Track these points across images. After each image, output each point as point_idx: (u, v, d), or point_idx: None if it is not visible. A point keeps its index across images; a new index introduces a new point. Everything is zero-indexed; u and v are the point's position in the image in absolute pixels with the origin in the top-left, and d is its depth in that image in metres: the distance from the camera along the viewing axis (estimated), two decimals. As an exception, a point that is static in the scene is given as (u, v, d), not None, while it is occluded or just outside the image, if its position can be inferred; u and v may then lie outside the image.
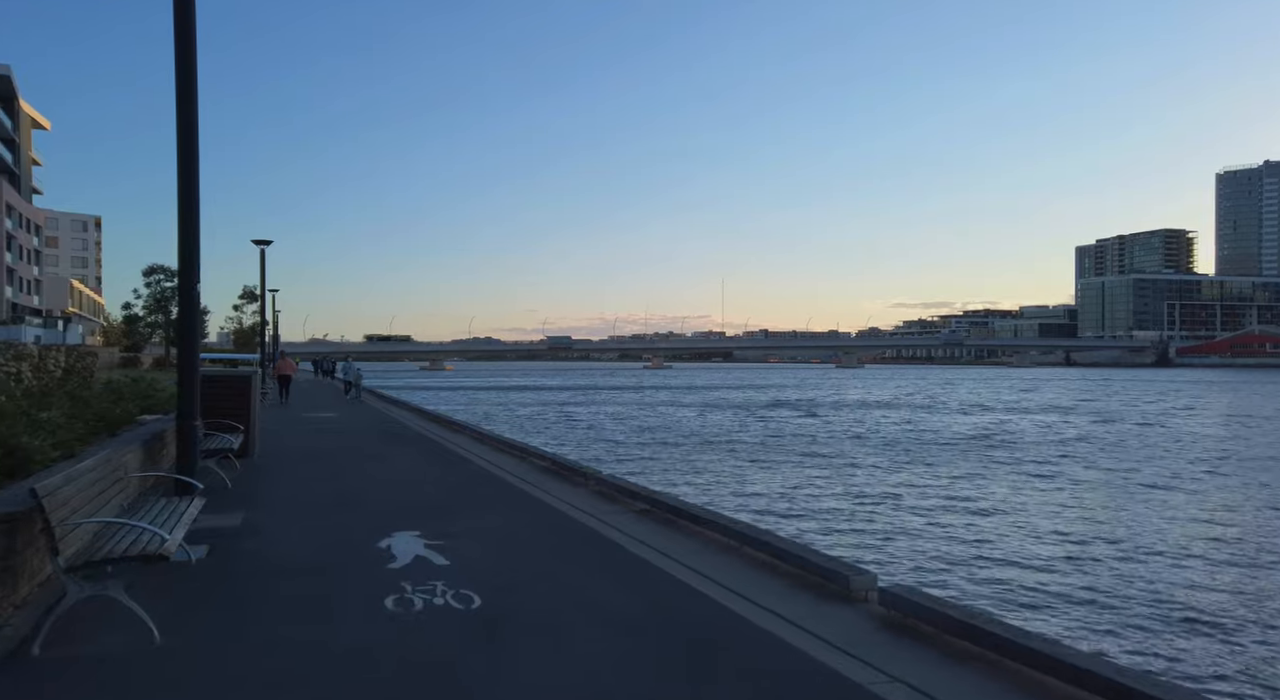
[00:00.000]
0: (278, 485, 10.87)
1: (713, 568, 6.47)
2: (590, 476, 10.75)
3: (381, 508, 9.16)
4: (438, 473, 12.14)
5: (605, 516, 8.66)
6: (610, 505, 9.35)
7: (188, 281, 8.01)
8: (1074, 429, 38.27)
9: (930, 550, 14.27)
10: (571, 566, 6.52)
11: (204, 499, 6.80)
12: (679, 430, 36.63)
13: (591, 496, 9.96)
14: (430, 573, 6.30)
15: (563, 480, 11.29)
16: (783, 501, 18.92)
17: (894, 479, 22.75)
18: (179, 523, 5.58)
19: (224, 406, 13.07)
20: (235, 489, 10.32)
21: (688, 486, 20.73)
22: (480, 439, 16.84)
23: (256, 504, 9.39)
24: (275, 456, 13.84)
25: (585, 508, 9.20)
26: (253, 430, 13.41)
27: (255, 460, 13.21)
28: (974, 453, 28.91)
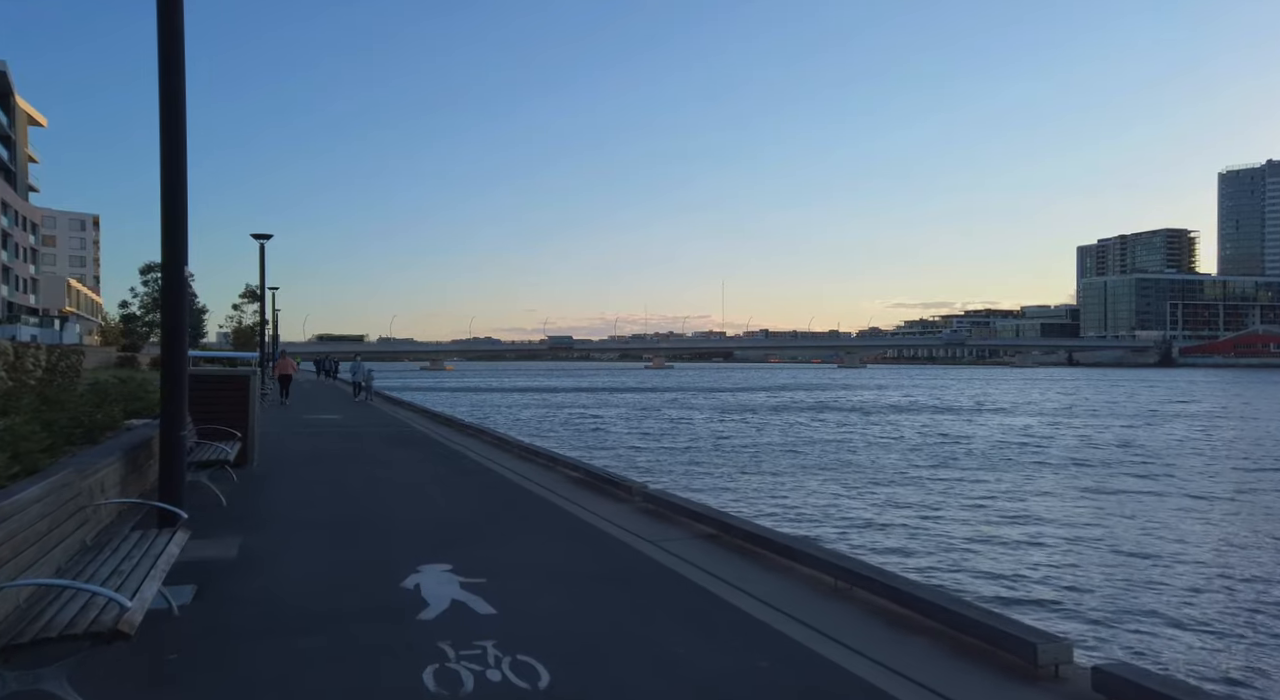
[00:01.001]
0: (280, 501, 9.55)
1: (829, 621, 5.15)
2: (635, 490, 9.44)
3: (400, 529, 7.84)
4: (458, 484, 10.83)
5: (666, 543, 7.34)
6: (666, 527, 8.03)
7: (173, 263, 6.69)
8: (1137, 434, 35.94)
9: (1087, 599, 11.27)
10: (651, 619, 5.19)
11: (189, 531, 5.48)
12: (696, 434, 34.82)
13: (639, 515, 8.65)
14: (474, 627, 4.98)
15: (600, 494, 9.98)
16: (851, 524, 16.17)
17: (976, 493, 19.89)
18: (152, 570, 4.26)
19: (219, 410, 11.75)
20: (231, 507, 9.01)
21: (728, 498, 18.65)
22: (498, 444, 15.53)
23: (255, 526, 8.07)
24: (276, 465, 12.52)
25: (638, 530, 7.89)
26: (251, 437, 12.10)
27: (254, 470, 11.89)
28: (1051, 463, 25.81)
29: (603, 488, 10.29)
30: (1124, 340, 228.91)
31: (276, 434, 17.38)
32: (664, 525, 8.13)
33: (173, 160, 6.63)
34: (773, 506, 18.02)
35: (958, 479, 22.50)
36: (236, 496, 9.63)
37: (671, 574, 6.31)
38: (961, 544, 14.57)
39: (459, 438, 17.13)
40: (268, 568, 6.46)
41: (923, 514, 17.36)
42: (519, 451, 14.14)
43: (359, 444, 15.88)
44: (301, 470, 12.14)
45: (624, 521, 8.34)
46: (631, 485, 9.57)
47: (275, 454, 13.79)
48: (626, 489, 9.60)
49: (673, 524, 8.17)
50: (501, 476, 11.60)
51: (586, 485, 10.70)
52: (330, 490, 10.31)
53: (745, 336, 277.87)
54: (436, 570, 6.31)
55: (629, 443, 31.17)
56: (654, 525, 8.14)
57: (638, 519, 8.48)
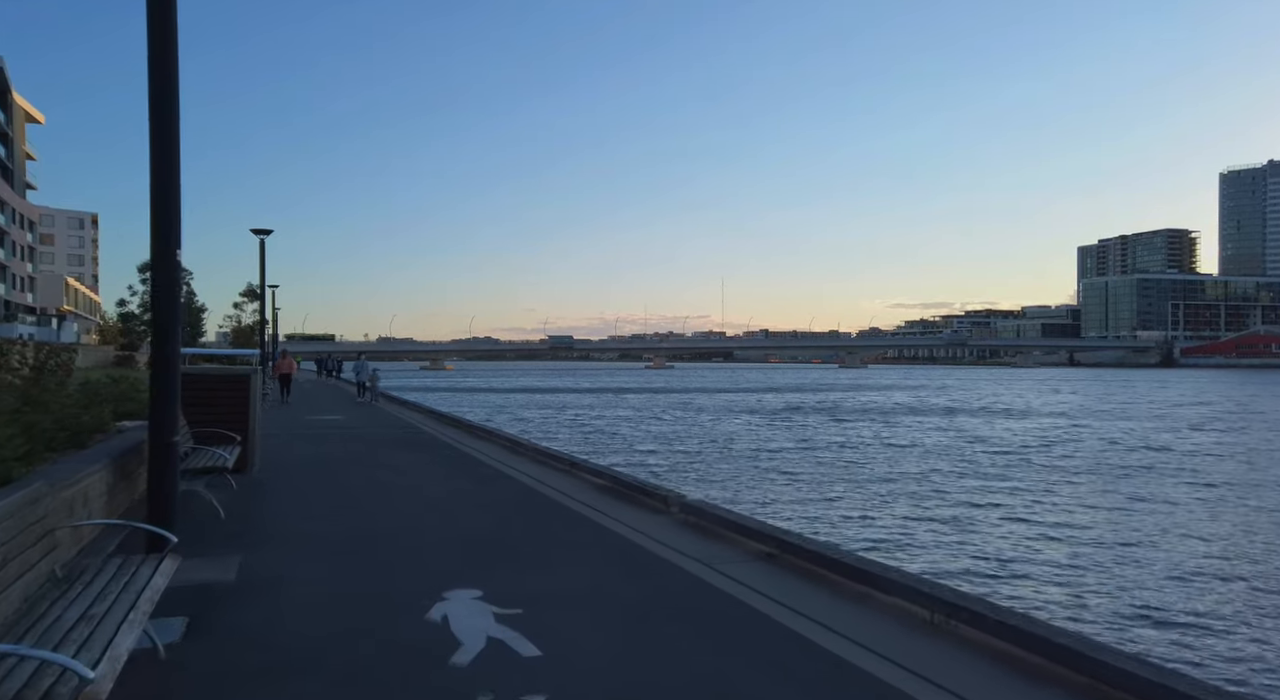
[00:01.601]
0: (284, 513, 8.73)
1: (937, 666, 4.34)
2: (671, 501, 8.62)
3: (419, 546, 7.03)
4: (475, 493, 10.02)
5: (718, 564, 6.53)
6: (713, 544, 7.22)
7: (164, 247, 5.88)
8: (1204, 437, 34.57)
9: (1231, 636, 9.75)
10: (727, 666, 4.38)
11: (179, 556, 4.66)
12: (709, 437, 33.58)
13: (680, 530, 7.84)
14: (519, 675, 4.17)
15: (631, 504, 9.17)
16: (914, 542, 14.47)
17: (1054, 509, 17.87)
18: (131, 613, 3.45)
19: (217, 412, 10.94)
20: (230, 519, 8.19)
21: (765, 508, 17.11)
22: (512, 448, 14.71)
23: (257, 542, 7.26)
24: (279, 471, 11.70)
25: (682, 547, 7.08)
26: (252, 440, 11.29)
27: (255, 476, 11.07)
28: (1108, 470, 24.04)
29: (634, 497, 9.48)
30: (1125, 340, 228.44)
31: (278, 436, 16.58)
32: (710, 542, 7.32)
33: (163, 128, 5.82)
34: (817, 519, 16.51)
35: (1015, 488, 20.68)
36: (236, 507, 8.81)
37: (736, 604, 5.49)
38: (1058, 567, 12.80)
39: (470, 441, 16.31)
40: (271, 593, 5.65)
41: (997, 530, 15.59)
42: (535, 456, 13.33)
43: (366, 448, 15.07)
44: (306, 477, 11.33)
45: (665, 536, 7.53)
46: (668, 495, 8.75)
47: (278, 459, 12.98)
48: (662, 499, 8.79)
49: (720, 540, 7.37)
50: (521, 484, 10.79)
51: (614, 494, 9.89)
52: (339, 500, 9.50)
53: (745, 336, 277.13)
54: (466, 597, 5.50)
55: (641, 446, 30.09)
56: (699, 542, 7.33)
57: (679, 534, 7.67)
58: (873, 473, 23.37)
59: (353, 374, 32.65)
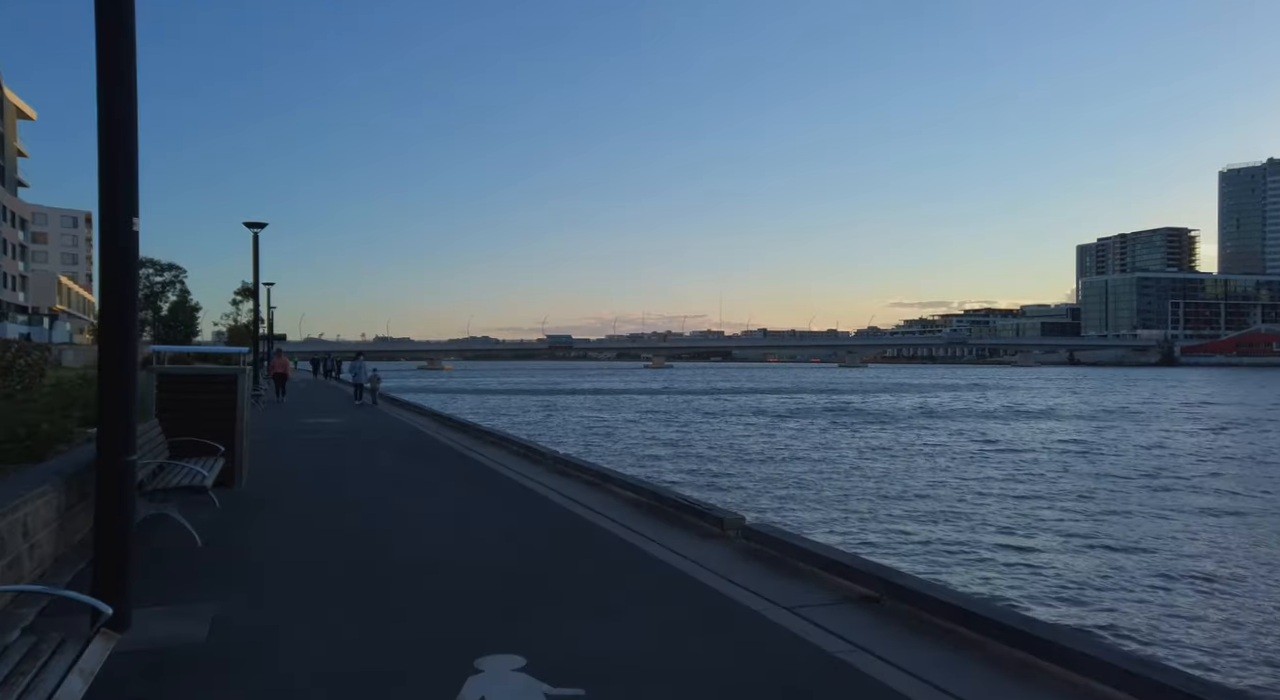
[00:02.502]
0: (274, 538, 7.43)
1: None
2: (728, 524, 7.33)
3: (439, 587, 5.74)
4: (497, 512, 8.73)
5: (812, 612, 5.24)
6: (791, 583, 5.93)
7: (116, 210, 4.59)
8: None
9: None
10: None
11: (113, 638, 3.35)
12: (724, 443, 31.33)
13: (746, 561, 6.56)
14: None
15: (677, 525, 7.88)
16: (1035, 579, 12.08)
17: (1154, 531, 15.62)
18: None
19: (198, 419, 9.62)
20: (209, 548, 6.88)
21: (824, 532, 14.66)
22: (527, 455, 13.40)
23: (239, 581, 5.96)
24: (271, 484, 10.39)
25: (758, 587, 5.79)
26: (239, 451, 9.96)
27: (243, 492, 9.75)
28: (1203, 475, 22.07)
29: (680, 518, 8.18)
30: (1125, 339, 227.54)
31: (272, 441, 15.27)
32: (787, 579, 6.03)
33: (113, 59, 4.52)
34: (879, 544, 14.12)
35: (1161, 511, 17.64)
36: (218, 531, 7.50)
37: (858, 677, 4.19)
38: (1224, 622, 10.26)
39: (479, 447, 15.00)
40: (252, 662, 4.35)
41: (1171, 567, 12.77)
42: (557, 466, 12.02)
43: (367, 456, 13.77)
44: (302, 492, 10.02)
45: (730, 570, 6.25)
46: (724, 517, 7.45)
47: (270, 469, 11.66)
48: (716, 521, 7.49)
49: (798, 577, 6.08)
50: (545, 499, 9.50)
51: (655, 512, 8.60)
52: (339, 520, 8.20)
53: (744, 336, 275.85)
54: (505, 669, 4.21)
55: (652, 451, 28.48)
56: (774, 579, 6.04)
57: (746, 567, 6.38)
58: (935, 486, 20.57)
59: (350, 375, 30.44)
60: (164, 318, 72.91)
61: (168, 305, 72.47)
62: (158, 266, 70.66)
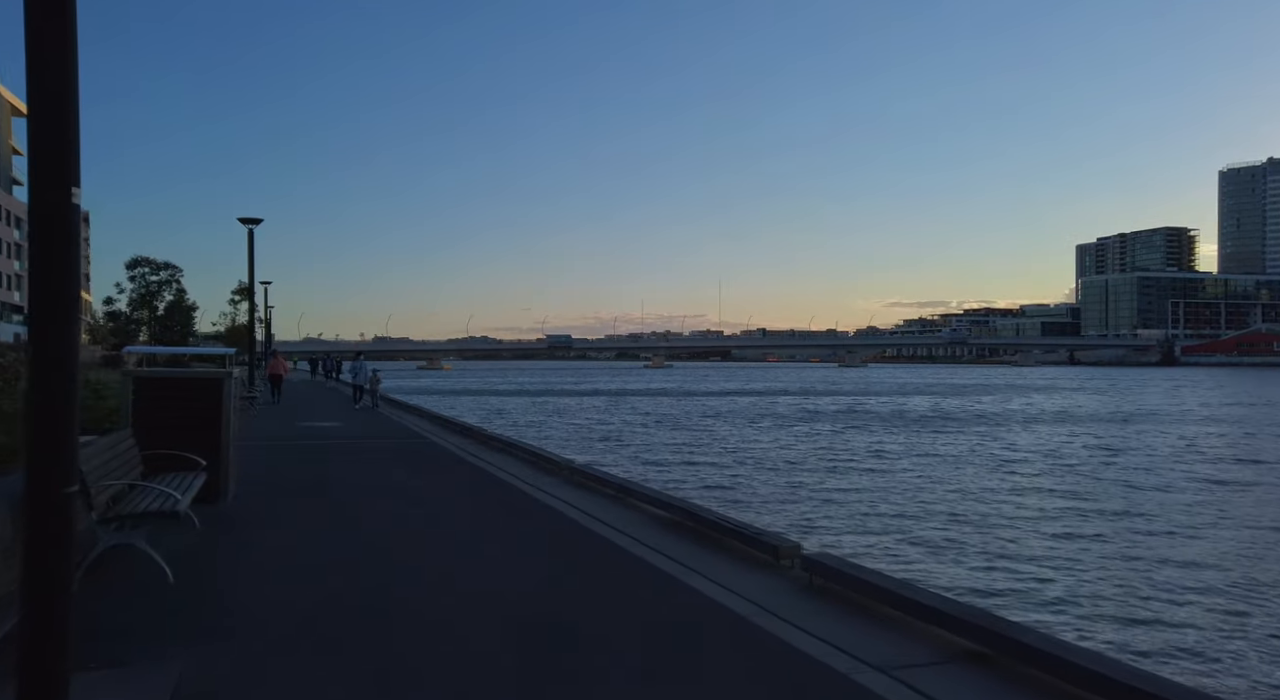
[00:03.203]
0: (259, 569, 6.45)
1: None
2: (784, 552, 6.37)
3: (453, 646, 4.76)
4: (512, 531, 7.77)
5: (911, 675, 4.27)
6: (874, 631, 4.97)
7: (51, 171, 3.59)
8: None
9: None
10: None
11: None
12: (741, 450, 28.63)
13: (809, 600, 5.60)
14: None
15: (718, 551, 6.94)
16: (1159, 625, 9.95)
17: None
18: None
19: (179, 428, 8.66)
20: (181, 584, 5.89)
21: (884, 561, 12.56)
22: (538, 464, 12.43)
23: (214, 628, 4.98)
24: (260, 499, 9.42)
25: (836, 637, 4.82)
26: (225, 463, 9.00)
27: (228, 509, 8.79)
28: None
29: (721, 541, 7.21)
30: (1126, 339, 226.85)
31: (264, 448, 14.31)
32: (868, 627, 5.06)
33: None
34: (957, 578, 11.91)
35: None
36: (194, 561, 6.53)
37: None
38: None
39: (487, 455, 14.02)
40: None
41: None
42: (571, 476, 11.05)
43: (368, 463, 12.80)
44: (295, 508, 9.05)
45: (798, 615, 5.27)
46: (777, 544, 6.47)
47: (260, 481, 10.69)
48: (768, 549, 6.51)
49: (880, 623, 5.11)
50: (565, 517, 8.54)
51: (689, 533, 7.64)
52: (336, 544, 7.24)
53: (743, 335, 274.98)
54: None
55: (666, 458, 26.62)
56: (852, 627, 5.07)
57: (815, 610, 5.41)
58: (1009, 507, 17.84)
59: (349, 376, 29.03)
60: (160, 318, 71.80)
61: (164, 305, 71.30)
62: (154, 265, 69.49)
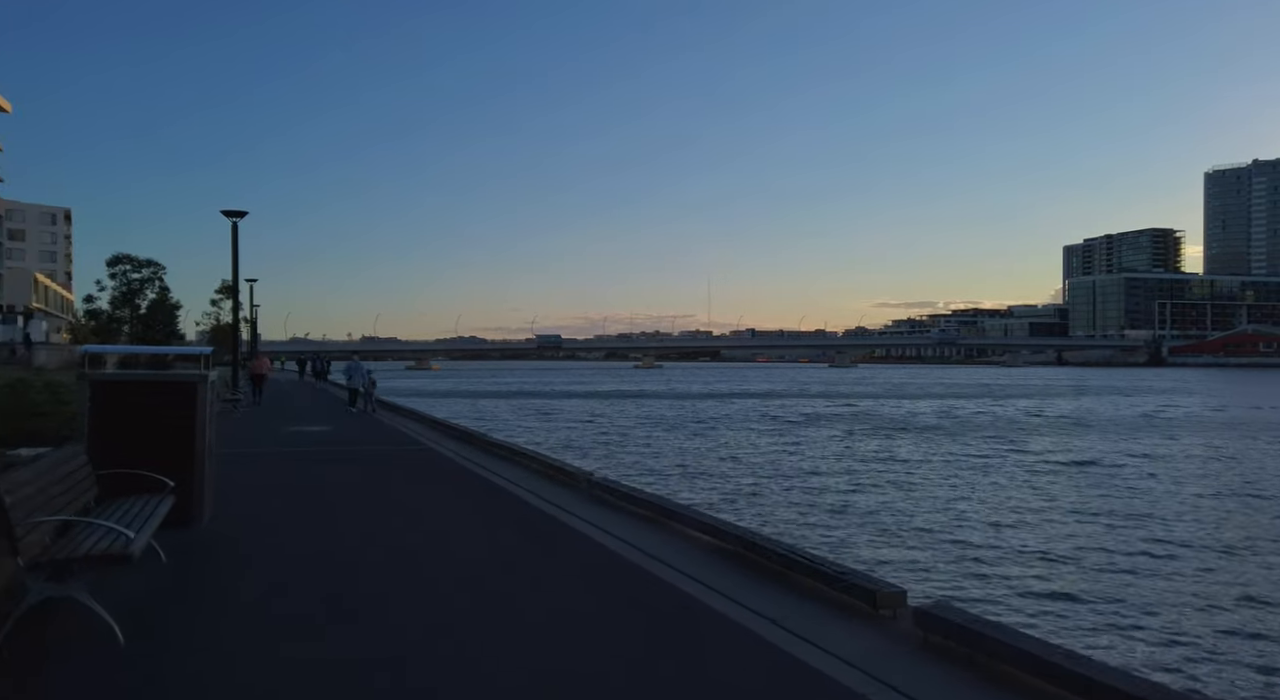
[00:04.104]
0: (237, 620, 5.20)
1: None
2: (882, 597, 5.18)
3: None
4: (536, 564, 6.55)
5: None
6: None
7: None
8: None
9: None
10: None
11: None
12: (763, 458, 26.10)
13: (927, 663, 4.43)
14: None
15: (794, 593, 5.76)
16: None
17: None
18: None
19: (146, 440, 7.40)
20: (134, 651, 4.60)
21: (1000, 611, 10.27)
22: (553, 476, 11.21)
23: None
24: (241, 523, 8.14)
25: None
26: (199, 478, 7.73)
27: (203, 535, 7.52)
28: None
29: (795, 580, 6.01)
30: (1113, 340, 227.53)
31: (248, 458, 13.03)
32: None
33: None
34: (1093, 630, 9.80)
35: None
36: (153, 614, 5.27)
37: None
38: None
39: (494, 465, 12.77)
40: None
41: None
42: (592, 491, 9.83)
43: (364, 475, 11.54)
44: (280, 533, 7.79)
45: (926, 691, 4.10)
46: (876, 589, 5.26)
47: (242, 499, 9.43)
48: (863, 594, 5.30)
49: (1026, 695, 3.94)
50: (593, 543, 7.33)
51: (746, 564, 6.45)
52: (330, 582, 6.00)
53: (732, 336, 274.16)
54: None
55: (677, 466, 24.60)
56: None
57: (941, 678, 4.24)
58: (1097, 531, 15.08)
59: (344, 377, 26.98)
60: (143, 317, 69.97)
61: (146, 303, 69.46)
62: (135, 263, 67.70)
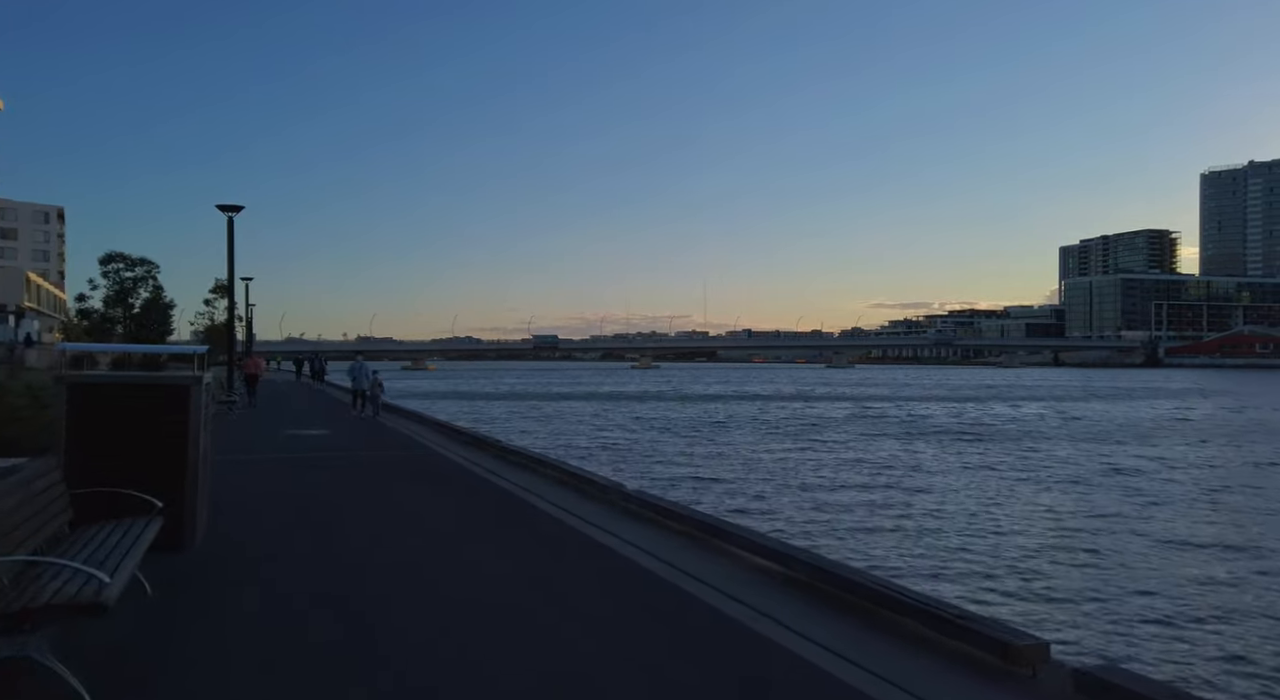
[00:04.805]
0: (231, 672, 4.30)
1: None
2: (1019, 652, 4.29)
3: None
4: (576, 599, 5.65)
5: None
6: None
7: None
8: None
9: None
10: None
11: None
12: (783, 467, 24.08)
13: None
14: None
15: (862, 624, 4.88)
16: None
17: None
18: None
19: (130, 451, 6.49)
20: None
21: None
22: (577, 486, 10.31)
23: None
24: (237, 544, 7.22)
25: None
26: (191, 494, 6.81)
27: (195, 559, 6.61)
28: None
29: (874, 612, 5.12)
30: (1110, 340, 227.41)
31: (243, 463, 12.10)
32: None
33: None
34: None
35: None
36: (131, 667, 4.37)
37: None
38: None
39: (509, 472, 11.85)
40: None
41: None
42: (623, 503, 8.93)
43: (370, 484, 10.63)
44: (280, 560, 6.88)
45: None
46: (1008, 642, 4.37)
47: (237, 513, 8.51)
48: (992, 645, 4.42)
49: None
50: (634, 565, 6.42)
51: (824, 598, 5.56)
52: (339, 621, 5.09)
53: (729, 336, 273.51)
54: None
55: (694, 474, 22.97)
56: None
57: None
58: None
59: (348, 379, 25.15)
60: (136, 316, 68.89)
61: (140, 302, 68.38)
62: (129, 261, 66.62)
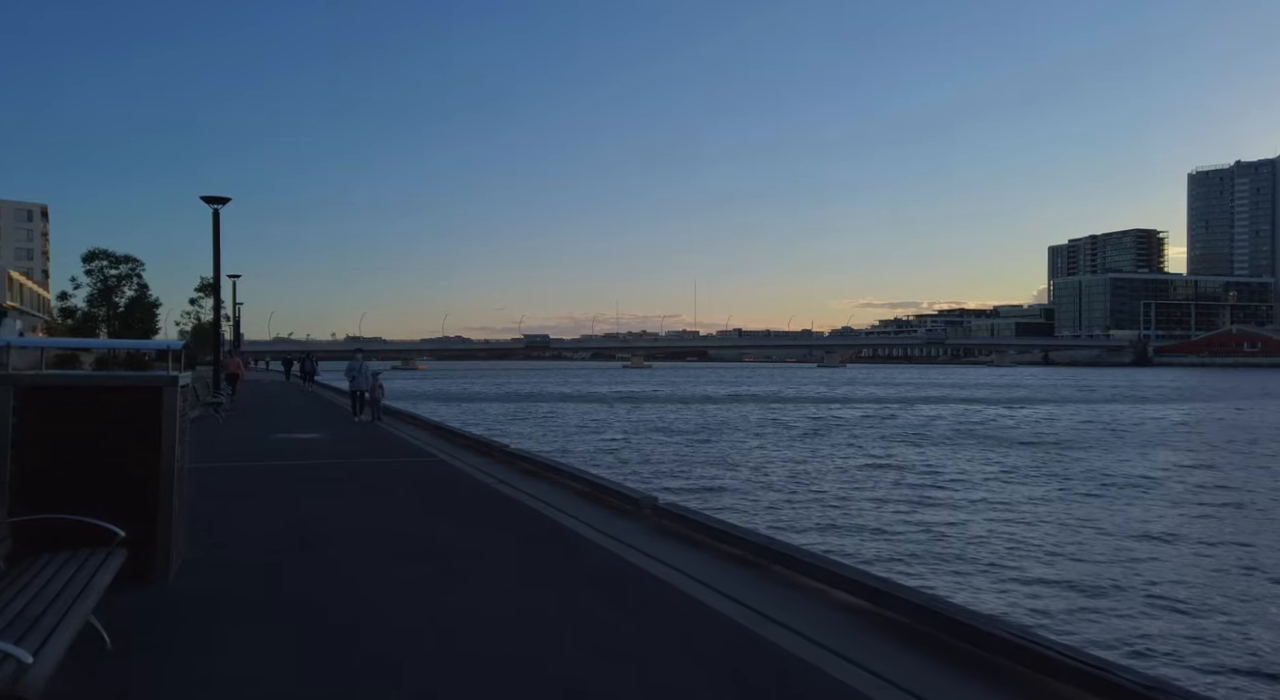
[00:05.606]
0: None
1: None
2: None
3: None
4: (631, 651, 4.66)
5: None
6: None
7: None
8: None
9: None
10: None
11: None
12: (803, 472, 22.88)
13: None
14: None
15: (977, 673, 3.91)
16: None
17: None
18: None
19: (85, 470, 5.45)
20: None
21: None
22: (599, 499, 9.30)
23: None
24: (216, 576, 6.19)
25: None
26: (164, 518, 5.78)
27: (168, 595, 5.57)
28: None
29: (993, 663, 4.15)
30: (1099, 339, 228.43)
31: (226, 471, 11.04)
32: None
33: None
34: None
35: None
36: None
37: None
38: None
39: (521, 482, 10.80)
40: None
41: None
42: (657, 521, 7.93)
43: (371, 500, 9.57)
44: (265, 600, 5.84)
45: None
46: None
47: (216, 530, 7.47)
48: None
49: None
50: (721, 617, 5.42)
51: (950, 657, 4.59)
52: (333, 688, 4.09)
53: (720, 336, 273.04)
54: None
55: (707, 482, 21.68)
56: None
57: None
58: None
59: (345, 379, 23.27)
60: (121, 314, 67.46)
61: (124, 301, 66.98)
62: (112, 258, 65.20)
